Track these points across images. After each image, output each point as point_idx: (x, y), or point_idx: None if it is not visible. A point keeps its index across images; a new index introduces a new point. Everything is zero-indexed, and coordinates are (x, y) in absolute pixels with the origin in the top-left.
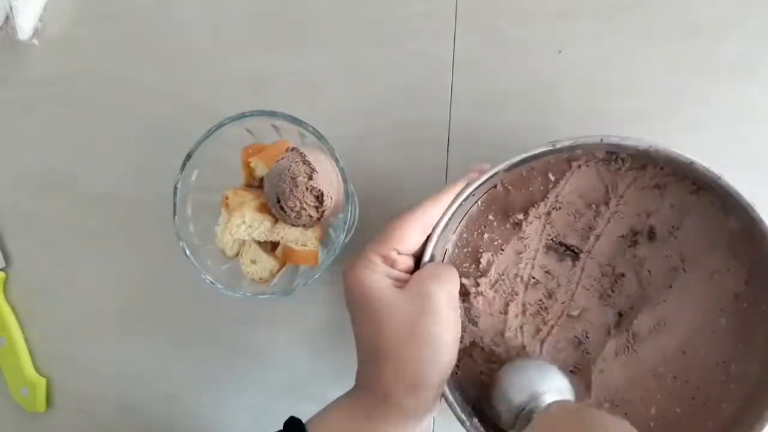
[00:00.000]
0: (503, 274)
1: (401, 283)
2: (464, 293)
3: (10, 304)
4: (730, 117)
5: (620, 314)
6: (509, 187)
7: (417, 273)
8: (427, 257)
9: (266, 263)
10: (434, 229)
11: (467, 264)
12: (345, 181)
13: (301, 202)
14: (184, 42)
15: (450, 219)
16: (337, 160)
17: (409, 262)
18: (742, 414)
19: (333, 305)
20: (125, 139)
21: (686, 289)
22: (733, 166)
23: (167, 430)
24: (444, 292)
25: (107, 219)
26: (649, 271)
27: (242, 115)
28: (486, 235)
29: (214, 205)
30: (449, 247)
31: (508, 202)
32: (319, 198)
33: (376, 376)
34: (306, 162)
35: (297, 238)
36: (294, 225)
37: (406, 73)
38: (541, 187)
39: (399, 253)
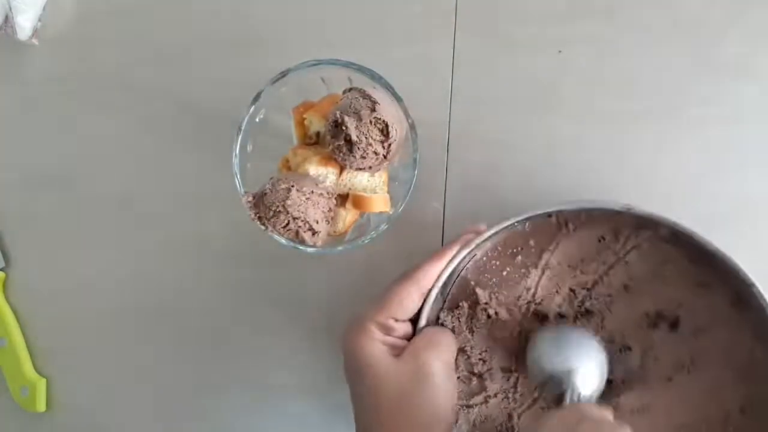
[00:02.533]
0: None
1: (398, 351)
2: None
3: (10, 304)
4: (730, 117)
5: (610, 381)
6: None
7: (413, 342)
8: (423, 321)
9: (338, 216)
10: (429, 292)
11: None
12: (407, 115)
13: (366, 137)
14: (184, 41)
15: (445, 282)
16: (398, 98)
17: (406, 329)
18: None
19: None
20: (125, 139)
21: (683, 389)
22: (732, 166)
23: (167, 430)
24: (439, 361)
25: (107, 218)
26: (656, 357)
27: (318, 62)
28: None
29: (268, 174)
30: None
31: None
32: (384, 131)
33: None
34: (367, 96)
35: (365, 186)
36: (360, 169)
37: (406, 73)
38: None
39: (396, 321)
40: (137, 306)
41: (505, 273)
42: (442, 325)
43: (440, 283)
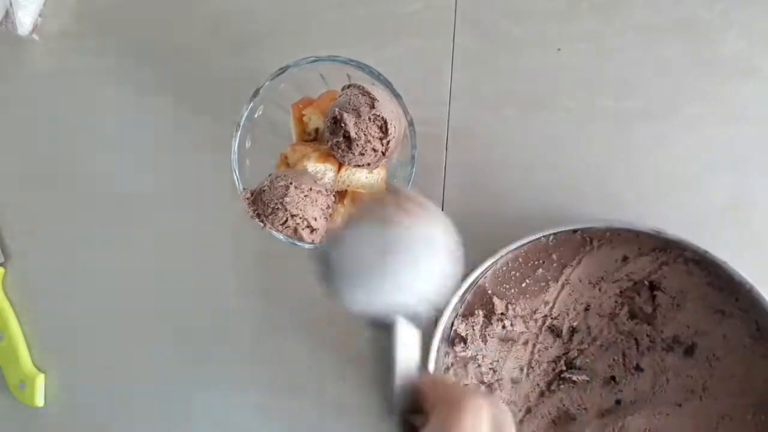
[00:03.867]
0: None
1: None
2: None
3: (9, 299)
4: (730, 117)
5: (618, 402)
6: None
7: None
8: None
9: (336, 212)
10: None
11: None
12: (406, 112)
13: (365, 134)
14: (184, 37)
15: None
16: (397, 95)
17: None
18: None
19: None
20: (125, 135)
21: (692, 415)
22: (732, 166)
23: (166, 427)
24: None
25: (107, 214)
26: (667, 380)
27: (317, 59)
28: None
29: (267, 171)
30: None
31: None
32: (383, 127)
33: None
34: (366, 93)
35: (363, 183)
36: (359, 165)
37: (406, 70)
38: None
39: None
40: (136, 302)
41: (524, 284)
42: (456, 332)
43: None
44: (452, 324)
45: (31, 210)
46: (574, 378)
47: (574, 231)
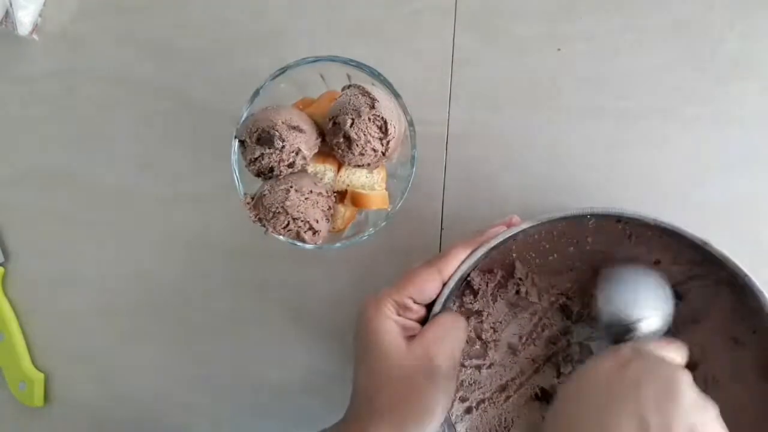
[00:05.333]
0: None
1: (409, 333)
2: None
3: (9, 299)
4: (729, 117)
5: None
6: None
7: (424, 330)
8: (438, 308)
9: (337, 212)
10: (448, 281)
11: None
12: (406, 112)
13: (365, 134)
14: (184, 37)
15: (465, 272)
16: (397, 95)
17: (422, 312)
18: None
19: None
20: (125, 135)
21: None
22: (731, 166)
23: (165, 427)
24: (447, 357)
25: (106, 214)
26: None
27: (317, 59)
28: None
29: None
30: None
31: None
32: (383, 128)
33: (364, 422)
34: (366, 93)
35: (363, 183)
36: (358, 165)
37: (405, 70)
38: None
39: (414, 302)
40: (136, 302)
41: (550, 258)
42: (469, 283)
43: (459, 274)
44: (467, 275)
45: (31, 209)
46: (569, 365)
47: (618, 220)
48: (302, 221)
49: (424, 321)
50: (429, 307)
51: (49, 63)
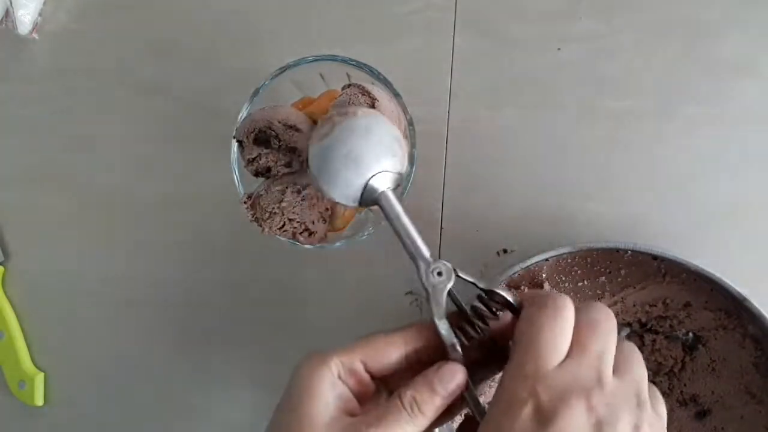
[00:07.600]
0: None
1: (349, 407)
2: None
3: (9, 298)
4: (729, 117)
5: None
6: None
7: (369, 416)
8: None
9: (336, 212)
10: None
11: None
12: (405, 112)
13: None
14: (184, 37)
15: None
16: (397, 94)
17: (369, 386)
18: None
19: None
20: (125, 134)
21: None
22: (731, 166)
23: (165, 427)
24: None
25: (106, 214)
26: None
27: (316, 58)
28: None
29: None
30: None
31: None
32: None
33: None
34: (366, 93)
35: None
36: None
37: (405, 69)
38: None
39: (366, 368)
40: (136, 301)
41: (580, 284)
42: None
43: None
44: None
45: (31, 209)
46: None
47: (655, 257)
48: (298, 222)
49: (366, 397)
50: (381, 384)
51: (49, 62)
